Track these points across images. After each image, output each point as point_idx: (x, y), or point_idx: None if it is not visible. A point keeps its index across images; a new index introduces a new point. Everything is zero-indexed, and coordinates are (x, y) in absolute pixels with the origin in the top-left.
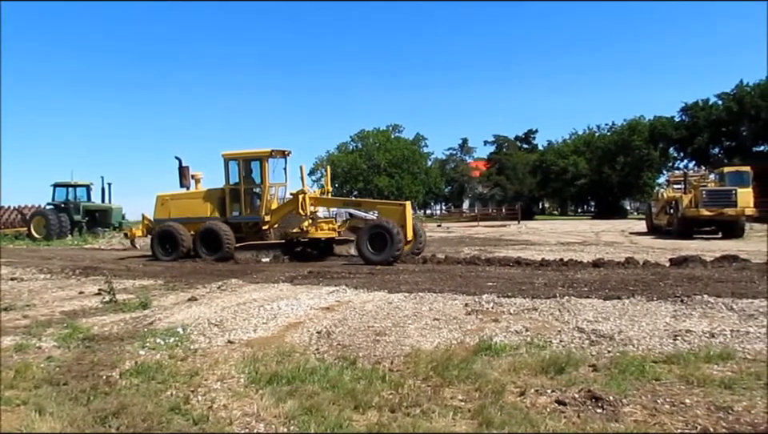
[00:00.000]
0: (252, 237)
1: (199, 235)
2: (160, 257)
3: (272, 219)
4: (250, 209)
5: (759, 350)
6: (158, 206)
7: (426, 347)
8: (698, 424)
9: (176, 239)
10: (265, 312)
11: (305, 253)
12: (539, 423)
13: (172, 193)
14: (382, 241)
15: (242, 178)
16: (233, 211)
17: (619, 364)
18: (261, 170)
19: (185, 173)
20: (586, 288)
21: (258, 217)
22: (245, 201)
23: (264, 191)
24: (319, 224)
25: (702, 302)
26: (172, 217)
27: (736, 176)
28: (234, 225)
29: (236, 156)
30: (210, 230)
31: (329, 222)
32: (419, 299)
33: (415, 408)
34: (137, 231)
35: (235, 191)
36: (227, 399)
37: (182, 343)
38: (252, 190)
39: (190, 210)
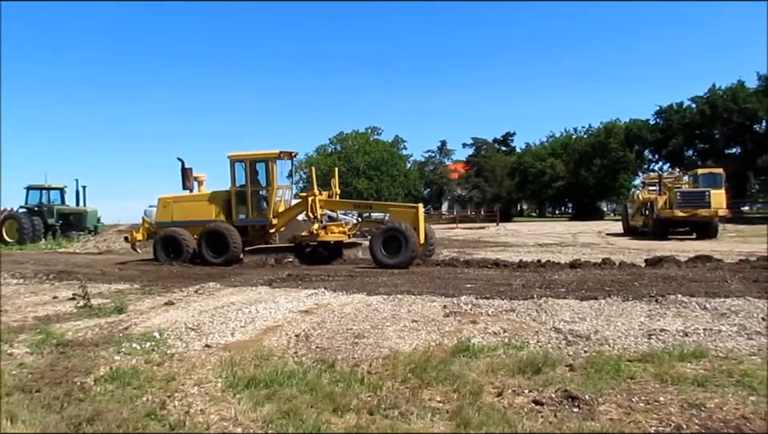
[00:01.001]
0: (258, 240)
1: (204, 237)
2: (162, 261)
3: (279, 221)
4: (257, 212)
5: (731, 348)
6: (160, 208)
7: (405, 349)
8: (672, 422)
9: (179, 243)
10: (243, 316)
11: (315, 254)
12: (516, 424)
13: (175, 195)
14: (396, 244)
15: (249, 179)
16: (239, 214)
17: (595, 364)
18: (268, 171)
19: (188, 175)
20: (563, 289)
21: (265, 220)
22: (251, 203)
23: (271, 193)
24: (329, 227)
25: (676, 301)
26: (175, 220)
27: (709, 178)
28: (240, 228)
29: (243, 157)
30: (217, 232)
31: (339, 225)
32: (398, 301)
33: (393, 410)
34: (137, 234)
35: (241, 193)
36: (204, 404)
37: (159, 348)
38: (259, 192)
39: (193, 213)
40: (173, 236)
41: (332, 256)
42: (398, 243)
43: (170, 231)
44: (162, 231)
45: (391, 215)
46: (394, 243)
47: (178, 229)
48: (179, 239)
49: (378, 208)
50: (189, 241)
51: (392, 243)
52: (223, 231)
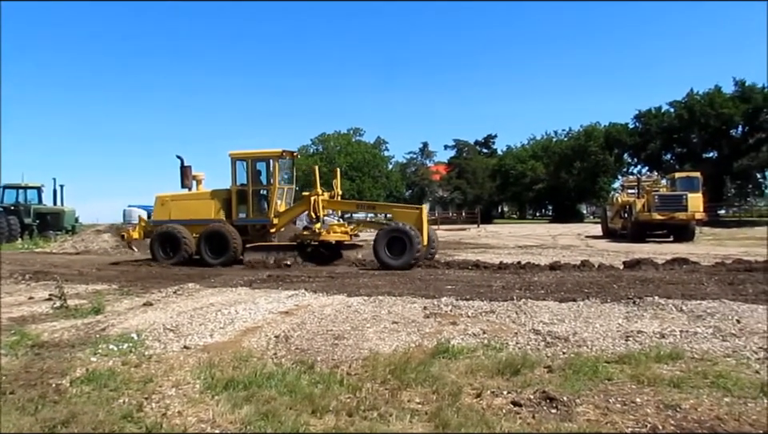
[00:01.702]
0: (258, 240)
1: (204, 237)
2: (160, 260)
3: (280, 221)
4: (258, 211)
5: (707, 350)
6: (157, 206)
7: (385, 351)
8: (648, 423)
9: (178, 241)
10: (222, 317)
11: (317, 254)
12: (495, 425)
13: (173, 193)
14: (400, 245)
15: (250, 178)
16: (239, 213)
17: (573, 365)
18: (270, 170)
19: (186, 173)
20: (542, 291)
21: (266, 219)
22: (252, 203)
23: (273, 193)
24: (332, 227)
25: (653, 303)
26: (172, 219)
27: (687, 182)
28: (240, 227)
29: (244, 156)
30: (216, 232)
31: (341, 225)
32: (378, 302)
33: (372, 412)
34: (133, 232)
35: (242, 192)
36: (182, 405)
37: (136, 349)
38: (260, 191)
39: (192, 212)
40: (171, 233)
41: (332, 256)
42: (402, 244)
43: (168, 228)
44: (157, 228)
45: (394, 216)
46: (398, 244)
47: (177, 226)
48: (178, 237)
49: (381, 209)
50: (188, 239)
51: (396, 244)
52: (223, 232)
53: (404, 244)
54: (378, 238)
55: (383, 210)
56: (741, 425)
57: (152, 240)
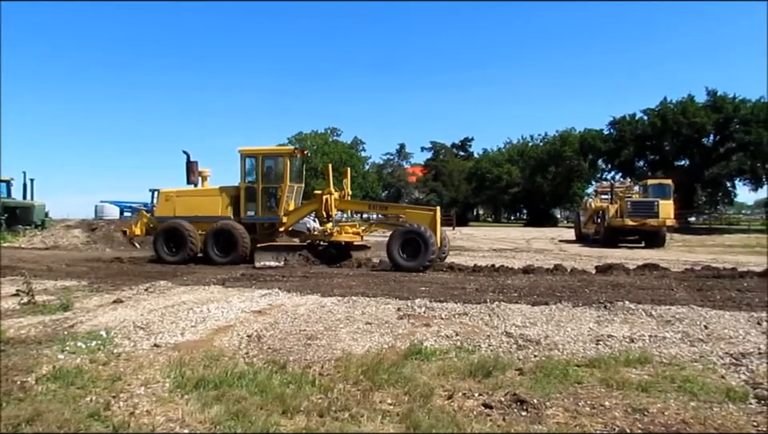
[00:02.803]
0: (266, 239)
1: (212, 234)
2: (164, 258)
3: (289, 220)
4: (267, 209)
5: (674, 354)
6: (161, 202)
7: (357, 351)
8: (616, 425)
9: (184, 238)
10: (194, 315)
11: (326, 253)
12: (465, 426)
13: (178, 189)
14: (414, 247)
15: (260, 176)
16: (247, 211)
17: (544, 368)
18: (281, 168)
19: (193, 168)
20: (515, 294)
21: (275, 217)
22: (261, 200)
23: (284, 191)
24: (343, 227)
25: (623, 308)
26: (177, 215)
27: (658, 188)
28: (247, 225)
29: (255, 153)
30: (225, 230)
31: (352, 225)
32: (352, 303)
33: (344, 412)
34: (136, 228)
35: (251, 190)
36: (150, 404)
37: (105, 347)
38: (269, 189)
39: (198, 209)
40: (176, 229)
41: (341, 257)
42: (416, 246)
43: (173, 224)
44: (162, 224)
45: (407, 217)
46: (412, 245)
47: (183, 222)
48: (183, 233)
49: (394, 210)
50: (194, 236)
51: (410, 246)
52: (232, 229)
53: (418, 246)
54: (392, 239)
55: (396, 211)
56: (706, 429)
57: (156, 237)
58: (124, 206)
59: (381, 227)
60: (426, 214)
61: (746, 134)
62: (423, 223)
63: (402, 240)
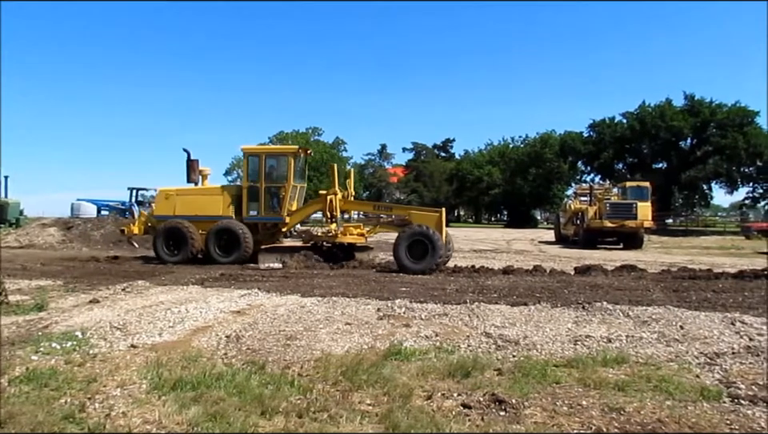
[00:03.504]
0: (268, 239)
1: (214, 234)
2: (164, 258)
3: (292, 220)
4: (270, 209)
5: (651, 354)
6: (161, 201)
7: (337, 352)
8: (593, 425)
9: (185, 237)
10: (172, 315)
11: (331, 254)
12: (444, 426)
13: (178, 188)
14: (421, 249)
15: (264, 175)
16: (250, 210)
17: (523, 368)
18: (285, 167)
19: (193, 167)
20: (495, 294)
21: (279, 217)
22: (264, 200)
23: (288, 190)
24: (347, 228)
25: (601, 309)
26: (177, 214)
27: (637, 191)
28: (250, 225)
29: (258, 151)
30: (227, 229)
31: (357, 226)
32: (332, 303)
33: (323, 413)
34: (134, 227)
35: (254, 189)
36: (127, 406)
37: (80, 348)
38: (272, 188)
39: (199, 208)
40: (177, 228)
41: (345, 258)
42: (423, 248)
43: (174, 223)
44: (162, 223)
45: (413, 219)
46: (419, 247)
47: (184, 221)
48: (184, 233)
49: (400, 211)
50: (195, 235)
51: (417, 248)
52: (235, 229)
53: (425, 248)
54: (398, 241)
55: (401, 212)
56: (681, 428)
57: (155, 236)
58: (101, 205)
59: (385, 229)
60: (432, 215)
61: (721, 138)
62: (429, 224)
63: (409, 242)
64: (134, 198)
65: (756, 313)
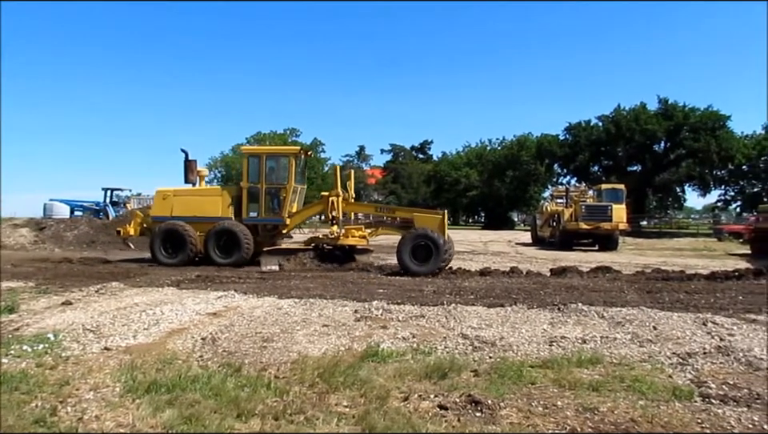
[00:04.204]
0: (268, 241)
1: (213, 235)
2: (161, 259)
3: (292, 221)
4: (270, 210)
5: (624, 355)
6: (158, 201)
7: (314, 354)
8: (568, 425)
9: (183, 239)
10: (147, 317)
11: (332, 255)
12: (421, 428)
13: (175, 188)
14: (425, 251)
15: (264, 176)
16: (250, 212)
17: (499, 369)
18: (286, 169)
19: (191, 167)
20: (472, 296)
21: (279, 219)
22: (264, 201)
23: (289, 192)
24: (349, 231)
25: (576, 310)
26: (175, 215)
27: (612, 193)
28: (249, 227)
29: (258, 152)
30: (227, 230)
31: (358, 228)
32: (309, 305)
33: (299, 415)
34: (129, 228)
35: (254, 190)
36: (100, 409)
37: (52, 351)
38: (272, 190)
39: (197, 209)
40: (175, 230)
41: (345, 260)
42: (427, 250)
43: (172, 225)
44: (160, 225)
45: (416, 221)
46: (423, 250)
47: (182, 223)
48: (183, 234)
49: (402, 213)
50: (194, 237)
51: (420, 250)
52: (235, 230)
53: (429, 250)
54: (402, 243)
55: (403, 214)
56: (653, 427)
57: (153, 237)
58: (75, 205)
59: (387, 231)
60: (435, 217)
61: (694, 142)
62: (432, 226)
63: (413, 245)
64: (109, 199)
65: (727, 314)
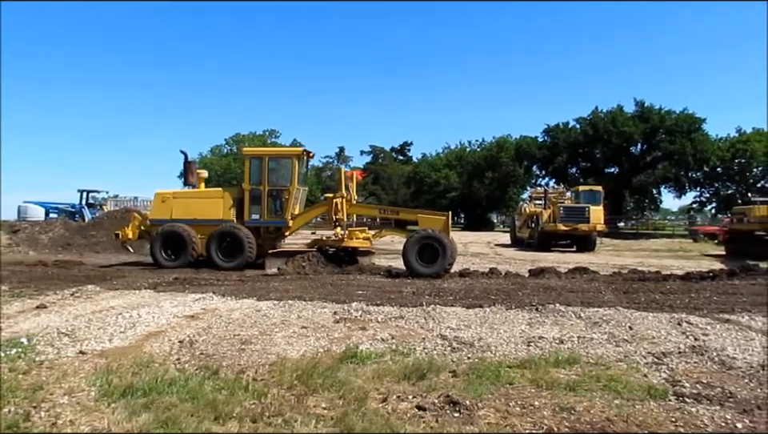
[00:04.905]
0: (270, 243)
1: (216, 238)
2: (162, 262)
3: (295, 224)
4: (273, 212)
5: (601, 355)
6: (157, 204)
7: (292, 356)
8: (545, 424)
9: (184, 241)
10: (123, 321)
11: (336, 258)
12: (399, 429)
13: (175, 190)
14: (432, 253)
15: (266, 177)
16: (252, 214)
17: (477, 370)
18: (289, 170)
19: (191, 169)
20: (451, 297)
21: (282, 221)
22: (267, 203)
23: (291, 194)
24: (353, 233)
25: (554, 310)
26: (174, 217)
27: (589, 195)
28: (251, 229)
29: (261, 153)
30: (229, 233)
31: (362, 230)
32: (288, 306)
33: (277, 418)
34: (128, 231)
35: (256, 192)
36: (74, 414)
37: (26, 355)
38: (275, 191)
39: (197, 211)
40: (176, 233)
41: (348, 262)
42: (433, 252)
43: (173, 227)
44: (160, 227)
45: (420, 222)
46: (429, 251)
47: (183, 225)
48: (184, 237)
49: (406, 215)
50: (195, 240)
51: (426, 252)
52: (238, 233)
53: (435, 252)
54: (408, 245)
55: (408, 215)
56: (629, 426)
57: (153, 240)
58: (50, 207)
59: (391, 233)
60: (439, 219)
61: (670, 144)
62: (437, 227)
63: (419, 246)
64: (85, 201)
65: (701, 314)
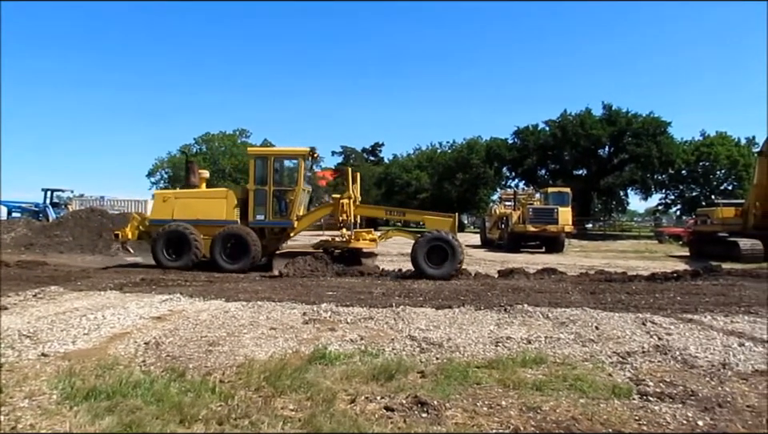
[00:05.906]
0: (274, 244)
1: (220, 239)
2: (164, 263)
3: (300, 225)
4: (278, 213)
5: (567, 354)
6: (158, 204)
7: (260, 357)
8: (511, 424)
9: (188, 242)
10: (87, 322)
11: (341, 259)
12: (367, 429)
13: (176, 191)
14: (441, 254)
15: (271, 178)
16: (256, 215)
17: (445, 370)
18: (295, 170)
19: (192, 169)
20: (420, 298)
21: (288, 222)
22: (271, 204)
23: (297, 194)
24: (359, 234)
25: (522, 311)
26: (176, 218)
27: (558, 196)
28: (256, 230)
29: (266, 153)
30: (234, 234)
31: (368, 231)
32: (257, 308)
33: (244, 420)
34: (128, 232)
35: (261, 193)
36: (35, 418)
37: None
38: (280, 192)
39: (200, 211)
40: (180, 233)
41: (352, 263)
42: (442, 253)
43: (176, 227)
44: (162, 227)
45: (427, 224)
46: (438, 252)
47: (188, 226)
48: (188, 237)
49: (412, 216)
50: (199, 240)
51: (435, 253)
52: (243, 234)
53: (444, 253)
54: (417, 246)
55: (414, 217)
56: (593, 425)
57: (155, 241)
58: (12, 207)
59: (398, 234)
60: (447, 220)
61: (637, 147)
62: (444, 229)
63: (428, 248)
64: (49, 200)
65: (665, 314)
